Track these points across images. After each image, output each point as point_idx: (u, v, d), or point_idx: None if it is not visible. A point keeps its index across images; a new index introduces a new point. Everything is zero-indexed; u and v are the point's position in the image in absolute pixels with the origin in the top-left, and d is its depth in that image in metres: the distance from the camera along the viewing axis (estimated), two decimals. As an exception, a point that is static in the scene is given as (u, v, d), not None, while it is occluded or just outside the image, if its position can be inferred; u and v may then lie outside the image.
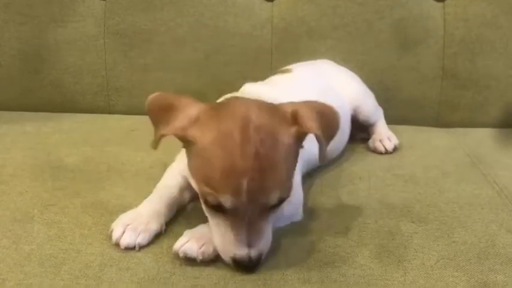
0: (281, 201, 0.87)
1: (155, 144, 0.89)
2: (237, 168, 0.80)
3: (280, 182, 0.84)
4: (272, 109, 0.89)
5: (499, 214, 1.05)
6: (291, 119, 0.88)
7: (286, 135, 0.86)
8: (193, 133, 0.85)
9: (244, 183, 0.80)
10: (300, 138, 0.89)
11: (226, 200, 0.82)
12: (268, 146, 0.82)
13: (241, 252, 0.85)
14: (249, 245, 0.85)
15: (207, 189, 0.84)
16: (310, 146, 1.17)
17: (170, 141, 1.12)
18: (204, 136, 0.84)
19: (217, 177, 0.82)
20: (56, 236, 0.95)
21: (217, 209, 0.85)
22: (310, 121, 0.87)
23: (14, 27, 1.71)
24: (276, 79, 1.35)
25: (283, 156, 0.84)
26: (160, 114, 0.89)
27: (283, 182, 0.85)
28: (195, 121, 0.86)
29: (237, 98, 1.03)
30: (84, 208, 1.05)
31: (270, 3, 1.66)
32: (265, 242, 0.88)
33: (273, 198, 0.84)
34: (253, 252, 0.85)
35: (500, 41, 1.60)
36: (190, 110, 0.87)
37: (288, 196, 0.88)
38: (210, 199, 0.84)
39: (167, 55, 1.69)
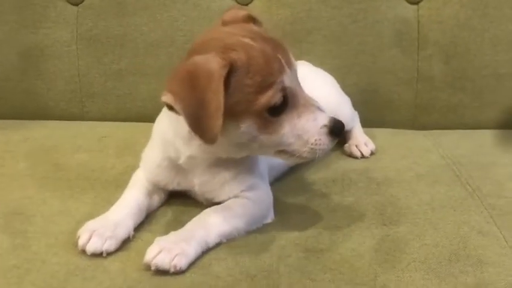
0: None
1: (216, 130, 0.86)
2: (269, 54, 0.89)
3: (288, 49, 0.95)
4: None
5: (471, 216, 1.05)
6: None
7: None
8: (232, 58, 0.87)
9: (279, 56, 0.90)
10: None
11: (284, 79, 0.90)
12: (260, 32, 0.95)
13: (325, 115, 0.95)
14: (321, 110, 0.95)
15: (269, 93, 0.88)
16: None
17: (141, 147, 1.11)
18: (238, 57, 0.87)
19: (267, 71, 0.88)
20: (21, 246, 0.93)
21: (283, 103, 0.91)
22: None
23: (-16, 33, 1.69)
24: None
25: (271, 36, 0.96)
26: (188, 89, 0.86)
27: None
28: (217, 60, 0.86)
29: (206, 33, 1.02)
30: (51, 217, 1.03)
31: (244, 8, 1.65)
32: None
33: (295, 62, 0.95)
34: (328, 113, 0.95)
35: (474, 43, 1.61)
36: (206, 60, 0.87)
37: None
38: (277, 97, 0.89)
39: (141, 60, 1.67)
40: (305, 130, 0.92)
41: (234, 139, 0.93)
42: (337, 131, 0.93)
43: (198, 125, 0.86)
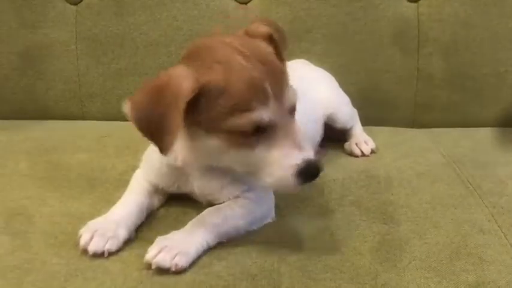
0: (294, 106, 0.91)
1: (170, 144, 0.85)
2: (255, 81, 0.85)
3: (287, 79, 0.90)
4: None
5: (472, 214, 1.05)
6: None
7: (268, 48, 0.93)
8: (205, 80, 0.84)
9: (266, 85, 0.85)
10: None
11: (262, 110, 0.85)
12: (264, 53, 0.90)
13: (301, 156, 0.86)
14: (300, 149, 0.87)
15: (239, 119, 0.84)
16: None
17: (141, 147, 1.11)
18: (215, 79, 0.84)
19: (245, 97, 0.84)
20: (21, 247, 0.93)
21: (257, 133, 0.86)
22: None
23: (-17, 33, 1.68)
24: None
25: (276, 60, 0.91)
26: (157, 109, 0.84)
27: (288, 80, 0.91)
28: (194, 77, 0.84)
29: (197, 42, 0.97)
30: (51, 217, 1.03)
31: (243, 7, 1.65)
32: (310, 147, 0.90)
33: (291, 95, 0.89)
34: (310, 154, 0.87)
35: (473, 41, 1.60)
36: (179, 78, 0.84)
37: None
38: (247, 125, 0.85)
39: (140, 60, 1.67)
40: (273, 162, 0.87)
41: (205, 149, 0.92)
42: (308, 175, 0.87)
43: (153, 137, 0.86)
